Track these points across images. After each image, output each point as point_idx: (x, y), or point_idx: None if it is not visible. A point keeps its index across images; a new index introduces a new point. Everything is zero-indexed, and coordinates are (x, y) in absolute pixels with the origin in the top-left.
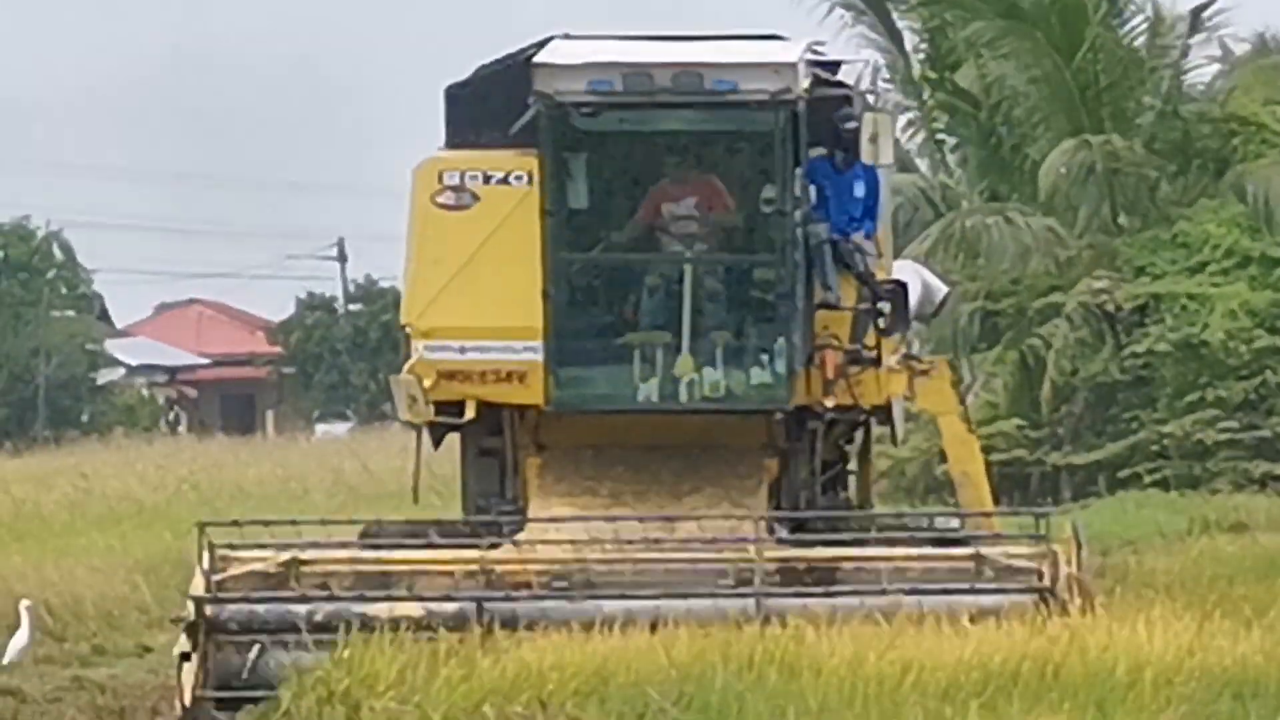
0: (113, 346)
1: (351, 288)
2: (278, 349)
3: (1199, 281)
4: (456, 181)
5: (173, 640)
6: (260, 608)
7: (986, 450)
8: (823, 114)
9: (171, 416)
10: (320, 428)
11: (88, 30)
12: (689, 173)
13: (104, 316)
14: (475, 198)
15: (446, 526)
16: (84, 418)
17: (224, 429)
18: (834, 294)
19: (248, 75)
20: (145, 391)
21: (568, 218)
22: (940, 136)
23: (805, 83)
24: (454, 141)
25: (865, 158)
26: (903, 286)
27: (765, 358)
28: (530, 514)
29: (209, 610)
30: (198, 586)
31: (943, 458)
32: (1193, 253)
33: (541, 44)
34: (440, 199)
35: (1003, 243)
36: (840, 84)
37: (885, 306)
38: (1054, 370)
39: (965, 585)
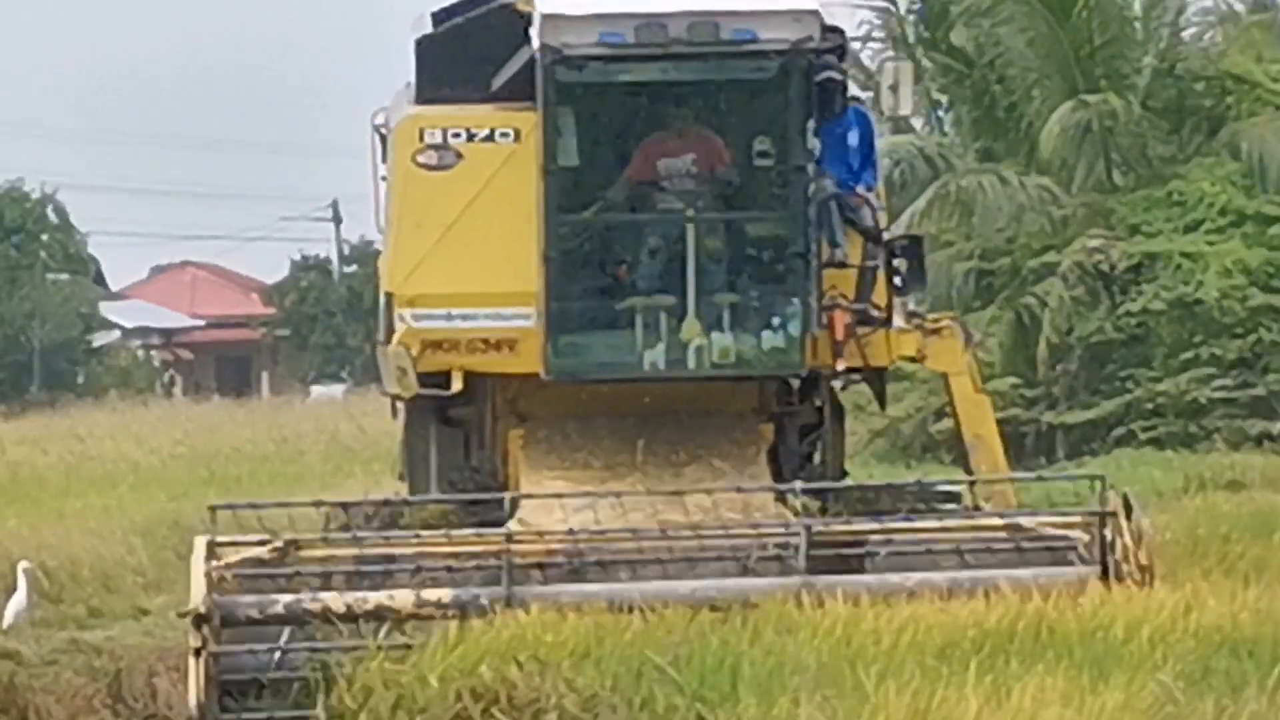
0: (107, 309)
1: (346, 249)
2: (272, 310)
3: (1193, 240)
4: (438, 140)
5: (169, 603)
6: (275, 598)
7: None
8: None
9: (166, 379)
10: (315, 389)
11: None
12: (685, 126)
13: (99, 279)
14: (459, 156)
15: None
16: (79, 380)
17: (219, 391)
18: (841, 251)
19: (241, 38)
20: (140, 354)
21: (564, 176)
22: (935, 96)
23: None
24: (426, 96)
25: (885, 108)
26: (918, 241)
27: (777, 320)
28: (524, 489)
29: (221, 603)
30: (199, 580)
31: (938, 416)
32: (1187, 211)
33: None
34: (421, 158)
35: (997, 202)
36: (835, 29)
37: (900, 263)
38: (1049, 329)
39: (1022, 559)
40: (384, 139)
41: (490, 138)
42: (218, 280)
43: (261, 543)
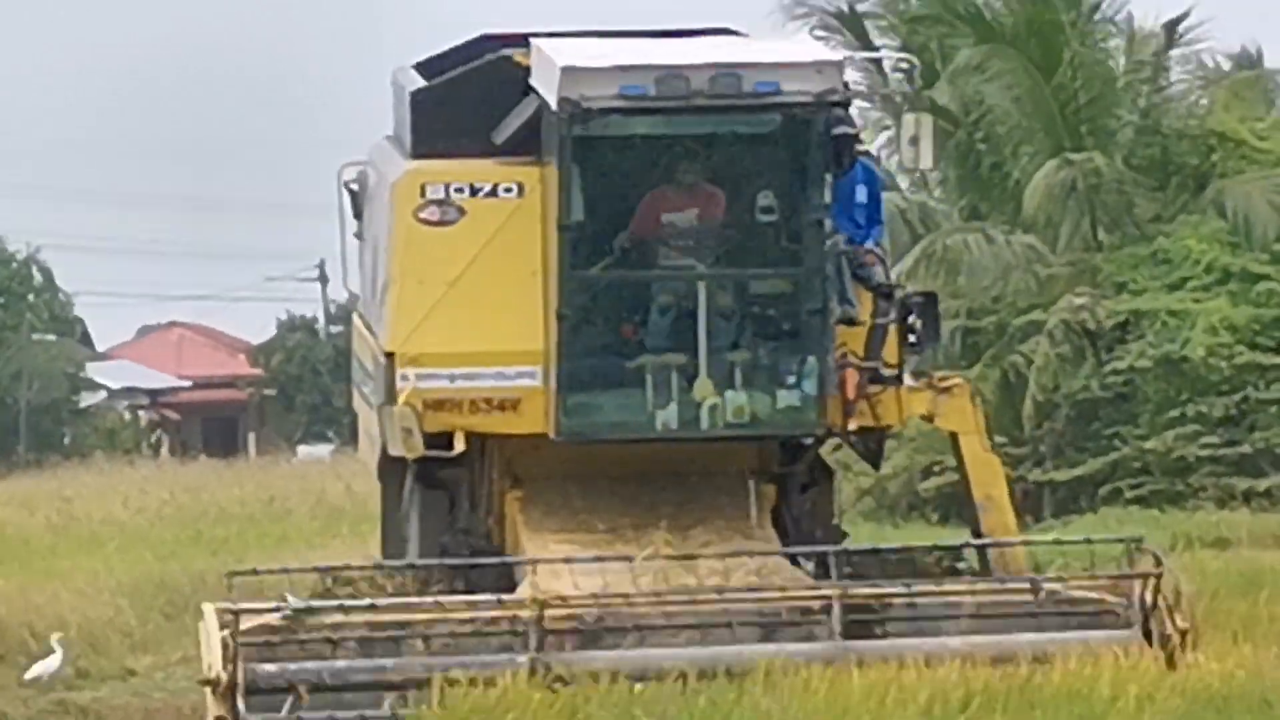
0: (94, 370)
1: (332, 308)
2: (259, 371)
3: (1179, 298)
4: (441, 195)
5: (156, 664)
6: (294, 665)
7: None
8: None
9: (153, 439)
10: (302, 449)
11: (61, 51)
12: (694, 179)
13: (85, 340)
14: (461, 212)
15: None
16: (65, 441)
17: (206, 452)
18: (853, 308)
19: (223, 97)
20: (127, 415)
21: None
22: None
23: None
24: (422, 150)
25: (906, 160)
26: (933, 297)
27: (792, 379)
28: (528, 553)
29: (242, 671)
30: (214, 647)
31: (925, 475)
32: (1173, 269)
33: (473, 44)
34: (423, 214)
35: (983, 261)
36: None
37: (915, 320)
38: (1035, 387)
39: (1060, 623)
40: (354, 195)
41: (493, 193)
42: (204, 340)
43: (274, 609)
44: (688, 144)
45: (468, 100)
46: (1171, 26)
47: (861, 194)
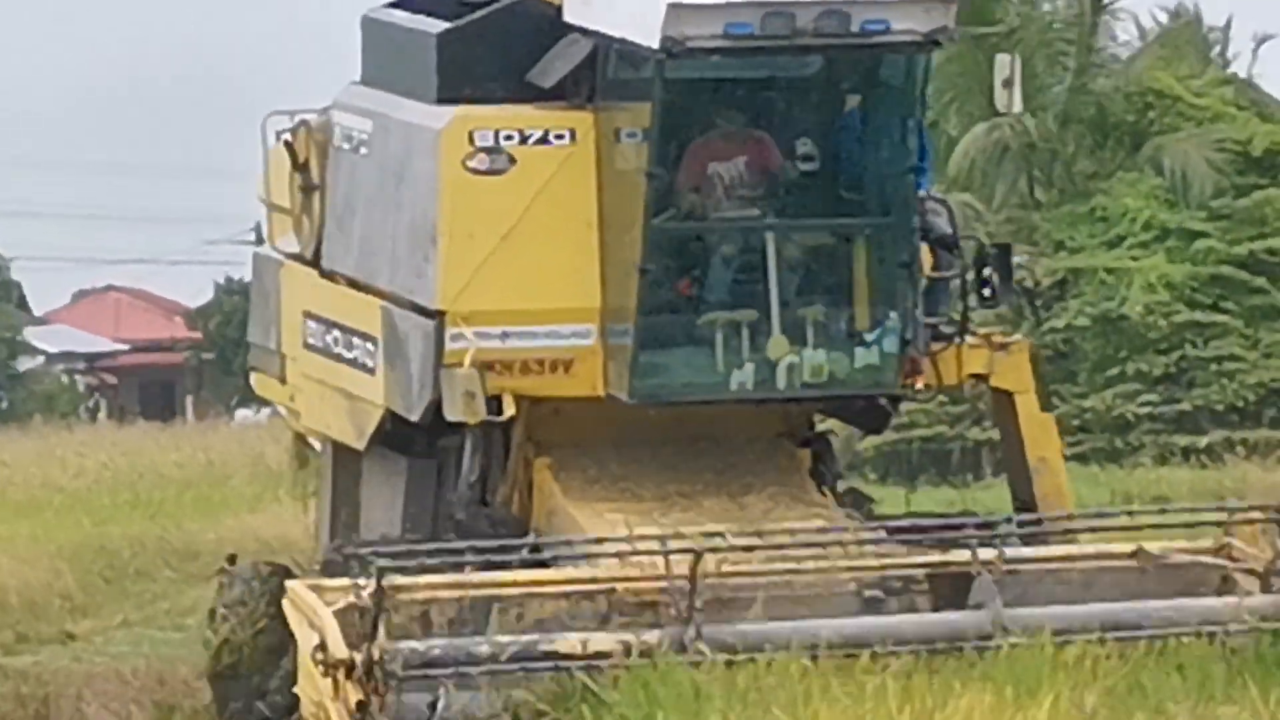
0: (31, 334)
1: None
2: (197, 334)
3: (1117, 255)
4: (490, 142)
5: (95, 628)
6: (438, 644)
7: (909, 426)
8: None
9: (91, 403)
10: (240, 413)
11: None
12: (737, 127)
13: (22, 304)
14: (511, 160)
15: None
16: (3, 406)
17: (143, 415)
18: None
19: (160, 63)
20: (64, 379)
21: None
22: None
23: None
24: (447, 95)
25: (999, 104)
26: (1008, 250)
27: (872, 336)
28: (579, 522)
29: (387, 653)
30: (331, 630)
31: (861, 435)
32: (1111, 227)
33: None
34: (472, 163)
35: None
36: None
37: (991, 274)
38: None
39: (1210, 589)
40: (290, 147)
41: (544, 139)
42: (141, 304)
43: (357, 586)
44: (775, 86)
45: (495, 42)
46: None
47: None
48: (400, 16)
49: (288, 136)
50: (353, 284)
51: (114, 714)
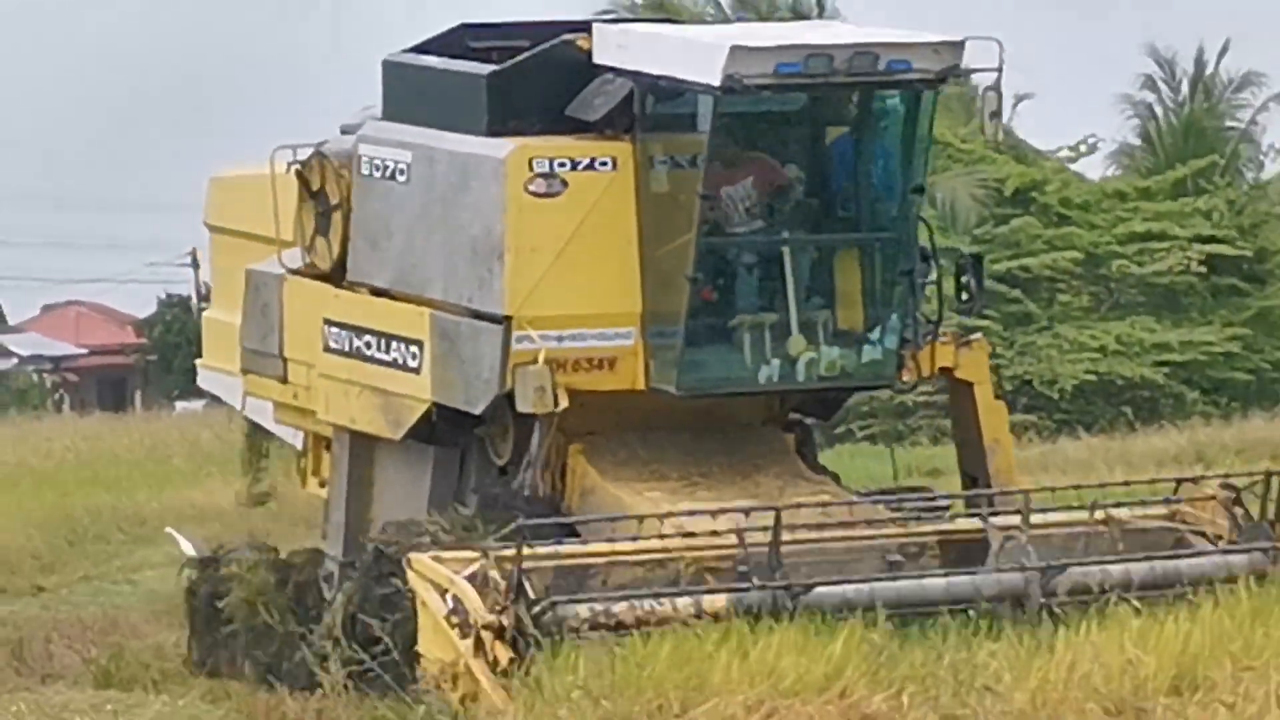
0: (6, 341)
1: (202, 289)
2: (144, 340)
3: None
4: (546, 169)
5: (61, 581)
6: (585, 604)
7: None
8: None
9: (57, 398)
10: (179, 404)
11: None
12: (745, 153)
13: None
14: (564, 184)
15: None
16: None
17: (100, 407)
18: None
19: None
20: (35, 378)
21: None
22: None
23: None
24: (495, 129)
25: (987, 135)
26: (980, 259)
27: (876, 335)
28: (621, 499)
29: (538, 615)
30: (468, 594)
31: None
32: None
33: (454, 31)
34: (532, 186)
35: None
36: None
37: (968, 280)
38: None
39: (1221, 549)
40: (302, 176)
41: (591, 166)
42: (99, 316)
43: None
44: (805, 118)
45: (536, 82)
46: None
47: None
48: (431, 61)
49: (297, 166)
50: (381, 294)
51: (76, 653)
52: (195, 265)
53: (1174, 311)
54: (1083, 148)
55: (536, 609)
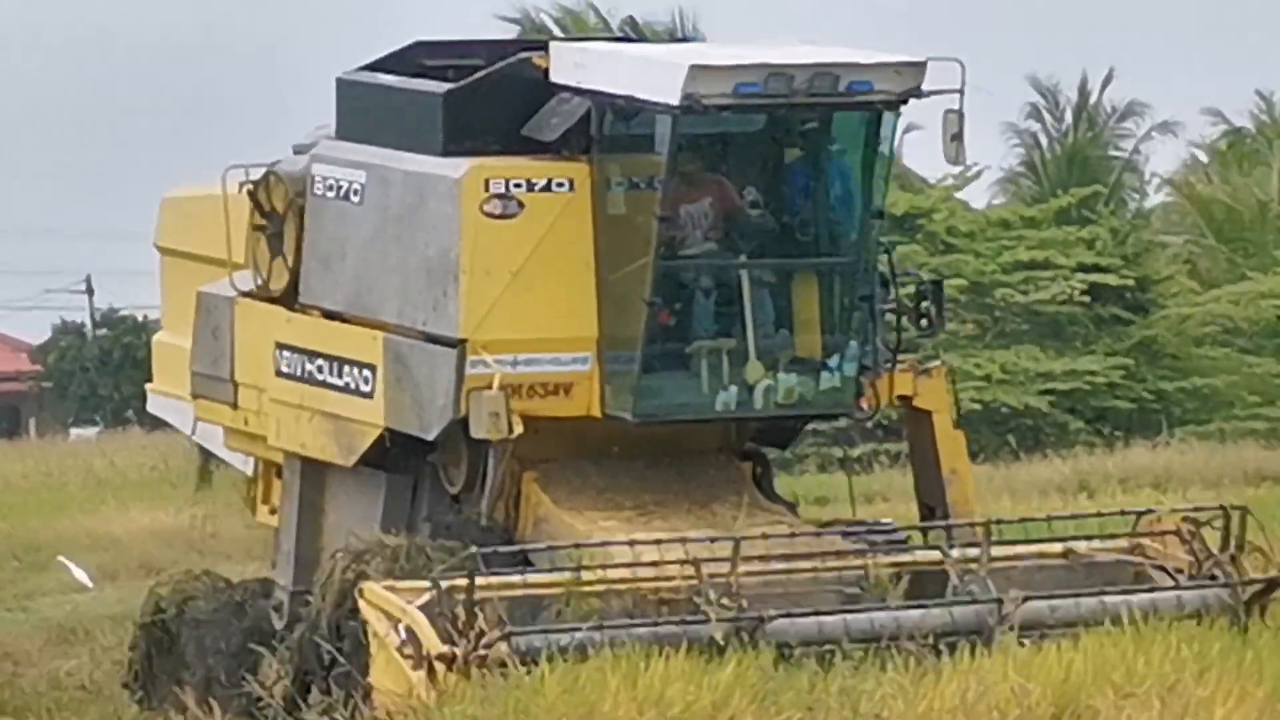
0: None
1: (98, 316)
2: (38, 367)
3: None
4: (502, 189)
5: None
6: (535, 635)
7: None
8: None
9: None
10: (74, 431)
11: None
12: (703, 174)
13: None
14: (520, 206)
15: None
16: None
17: None
18: None
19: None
20: None
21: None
22: None
23: None
24: (451, 148)
25: (947, 157)
26: (939, 285)
27: (835, 361)
28: (576, 529)
29: (506, 643)
30: (421, 625)
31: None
32: None
33: (408, 49)
34: (487, 207)
35: None
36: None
37: (928, 306)
38: None
39: (1173, 584)
40: (254, 197)
41: (548, 188)
42: None
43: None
44: (761, 139)
45: (492, 101)
46: None
47: None
48: (385, 79)
49: (250, 186)
50: (334, 317)
51: None
52: (90, 291)
53: (1058, 340)
54: (967, 174)
55: (487, 640)
